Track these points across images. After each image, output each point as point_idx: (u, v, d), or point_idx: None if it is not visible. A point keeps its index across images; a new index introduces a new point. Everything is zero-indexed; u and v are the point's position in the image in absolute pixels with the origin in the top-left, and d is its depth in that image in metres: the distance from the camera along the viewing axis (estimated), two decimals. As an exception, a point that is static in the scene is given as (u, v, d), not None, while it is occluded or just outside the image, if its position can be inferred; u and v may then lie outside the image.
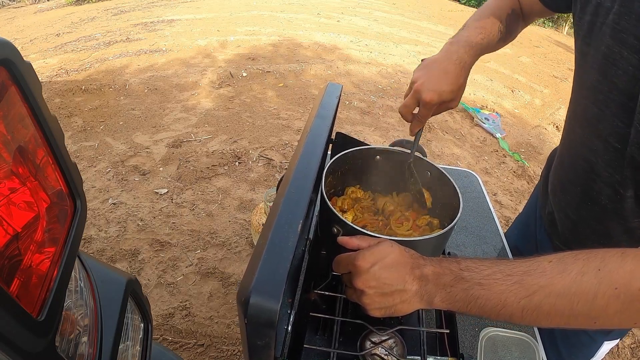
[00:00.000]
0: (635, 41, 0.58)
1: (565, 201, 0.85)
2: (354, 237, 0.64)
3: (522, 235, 1.11)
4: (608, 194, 0.71)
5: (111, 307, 0.71)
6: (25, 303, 0.42)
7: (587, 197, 0.77)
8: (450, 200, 0.83)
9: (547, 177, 0.98)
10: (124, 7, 7.11)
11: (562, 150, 0.87)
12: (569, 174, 0.82)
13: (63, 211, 0.57)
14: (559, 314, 0.48)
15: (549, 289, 0.48)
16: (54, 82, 3.73)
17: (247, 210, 2.40)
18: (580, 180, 0.77)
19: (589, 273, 0.47)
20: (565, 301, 0.48)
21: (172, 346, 1.67)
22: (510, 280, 0.50)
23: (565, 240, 0.88)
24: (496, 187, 2.94)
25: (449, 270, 0.55)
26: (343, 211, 0.93)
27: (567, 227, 0.86)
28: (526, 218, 1.13)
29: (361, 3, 8.13)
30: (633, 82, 0.60)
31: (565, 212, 0.85)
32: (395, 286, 0.56)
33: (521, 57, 5.75)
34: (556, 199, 0.89)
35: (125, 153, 2.85)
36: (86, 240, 2.11)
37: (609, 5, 0.63)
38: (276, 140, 3.09)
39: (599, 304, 0.46)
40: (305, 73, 4.25)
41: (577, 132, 0.77)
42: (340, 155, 0.90)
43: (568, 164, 0.82)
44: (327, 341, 0.81)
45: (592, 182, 0.74)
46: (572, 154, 0.80)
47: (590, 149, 0.73)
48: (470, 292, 0.52)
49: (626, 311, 0.46)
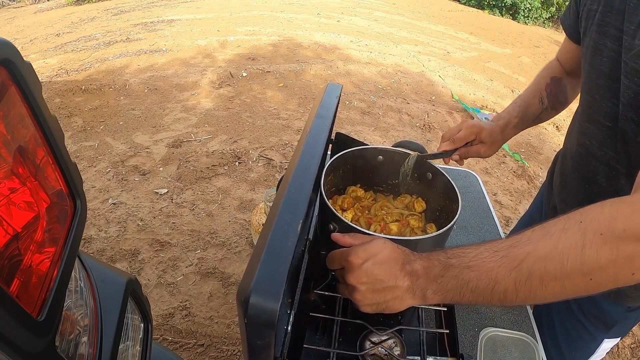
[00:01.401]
0: (615, 31, 0.69)
1: (566, 191, 0.88)
2: (347, 235, 0.64)
3: None
4: (604, 172, 0.76)
5: (111, 307, 0.71)
6: (25, 303, 0.42)
7: (585, 180, 0.82)
8: (450, 200, 0.83)
9: (552, 176, 1.01)
10: (124, 7, 7.11)
11: (563, 147, 0.95)
12: (569, 164, 0.88)
13: (63, 211, 0.57)
14: (552, 277, 0.47)
15: (536, 253, 0.48)
16: (54, 82, 3.73)
17: (247, 210, 2.40)
18: (579, 166, 0.83)
19: (572, 228, 0.47)
20: (555, 262, 0.47)
21: (172, 346, 1.67)
22: (498, 255, 0.50)
23: None
24: (496, 187, 2.94)
25: (437, 262, 0.55)
26: (343, 210, 0.93)
27: None
28: (530, 219, 1.15)
29: (361, 3, 8.13)
30: (616, 66, 0.69)
31: (567, 202, 0.88)
32: (386, 282, 0.56)
33: (521, 57, 5.75)
34: (558, 192, 0.92)
35: (125, 153, 2.85)
36: (86, 240, 2.11)
37: (595, 8, 0.74)
38: (276, 140, 3.09)
39: (589, 254, 0.45)
40: (305, 73, 4.25)
41: (575, 124, 0.87)
42: (342, 153, 0.90)
43: (568, 155, 0.88)
44: (327, 341, 0.81)
45: (589, 165, 0.79)
46: (571, 145, 0.87)
47: (584, 134, 0.80)
48: (461, 277, 0.52)
49: (617, 258, 0.45)
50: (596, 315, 0.88)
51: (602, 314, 0.87)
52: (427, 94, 4.18)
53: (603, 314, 0.87)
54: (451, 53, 5.56)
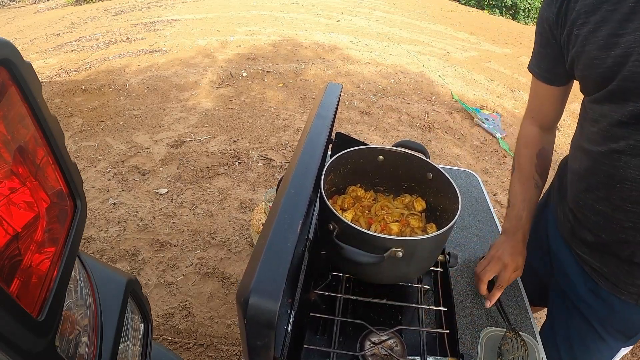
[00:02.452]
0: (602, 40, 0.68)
1: (591, 197, 0.80)
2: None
3: (534, 250, 1.04)
4: (636, 164, 0.69)
5: (111, 307, 0.71)
6: (25, 303, 0.42)
7: (613, 179, 0.74)
8: (450, 200, 0.83)
9: (560, 185, 0.97)
10: (124, 7, 7.11)
11: (576, 155, 0.86)
12: (587, 169, 0.80)
13: (63, 211, 0.57)
14: None
15: None
16: (54, 82, 3.73)
17: (247, 210, 2.40)
18: (604, 166, 0.75)
19: None
20: None
21: (172, 346, 1.67)
22: None
23: (592, 245, 0.85)
24: (496, 187, 2.94)
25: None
26: (343, 210, 0.93)
27: (595, 226, 0.82)
28: (536, 229, 1.07)
29: (361, 3, 8.13)
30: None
31: (593, 208, 0.81)
32: None
33: (521, 57, 5.75)
34: (578, 200, 0.85)
35: (125, 153, 2.85)
36: (86, 240, 2.11)
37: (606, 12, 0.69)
38: (276, 140, 3.09)
39: None
40: (305, 73, 4.25)
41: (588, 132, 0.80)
42: (343, 153, 0.90)
43: (586, 160, 0.80)
44: (327, 341, 0.81)
45: (616, 161, 0.72)
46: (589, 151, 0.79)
47: (608, 138, 0.73)
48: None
49: None
50: (619, 327, 0.87)
51: (625, 324, 0.86)
52: (427, 94, 4.18)
53: (626, 324, 0.86)
54: (451, 53, 5.56)
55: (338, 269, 0.91)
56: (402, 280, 0.92)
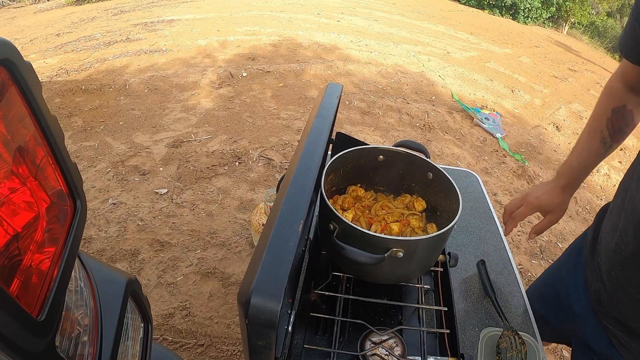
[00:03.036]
0: None
1: (624, 277, 0.73)
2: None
3: (551, 307, 1.01)
4: None
5: (111, 307, 0.71)
6: (25, 303, 0.42)
7: None
8: (450, 201, 0.83)
9: (593, 248, 0.87)
10: (124, 7, 7.11)
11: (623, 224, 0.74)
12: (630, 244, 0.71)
13: (63, 211, 0.56)
14: None
15: None
16: (54, 82, 3.73)
17: (247, 210, 2.40)
18: None
19: None
20: None
21: (172, 346, 1.67)
22: None
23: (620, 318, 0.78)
24: (496, 187, 2.94)
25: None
26: (344, 209, 0.93)
27: (623, 305, 0.76)
28: (554, 284, 1.03)
29: (361, 3, 8.13)
30: None
31: (625, 290, 0.73)
32: None
33: (521, 57, 5.76)
34: (612, 276, 0.77)
35: (125, 153, 2.85)
36: (86, 240, 2.11)
37: None
38: (276, 140, 3.09)
39: None
40: (305, 73, 4.25)
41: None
42: (343, 153, 0.90)
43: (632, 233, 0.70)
44: (327, 341, 0.81)
45: None
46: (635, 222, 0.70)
47: None
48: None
49: None
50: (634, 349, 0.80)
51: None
52: (427, 94, 4.18)
53: None
54: (451, 53, 5.57)
55: (338, 269, 0.91)
56: (403, 280, 0.92)
